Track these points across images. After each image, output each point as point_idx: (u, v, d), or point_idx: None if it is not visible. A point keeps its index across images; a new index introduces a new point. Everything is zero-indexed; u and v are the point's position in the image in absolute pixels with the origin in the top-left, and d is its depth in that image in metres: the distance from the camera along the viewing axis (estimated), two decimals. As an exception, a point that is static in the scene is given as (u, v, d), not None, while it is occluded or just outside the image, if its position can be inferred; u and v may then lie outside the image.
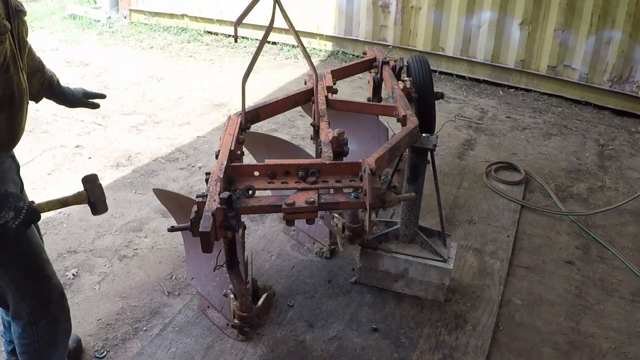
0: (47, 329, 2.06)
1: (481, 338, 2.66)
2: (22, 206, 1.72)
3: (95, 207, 1.95)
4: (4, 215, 1.67)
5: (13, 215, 1.68)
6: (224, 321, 2.64)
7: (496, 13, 5.59)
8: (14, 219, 1.69)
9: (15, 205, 1.70)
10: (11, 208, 1.69)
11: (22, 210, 1.71)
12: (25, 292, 1.96)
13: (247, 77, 2.46)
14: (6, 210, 1.68)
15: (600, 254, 3.35)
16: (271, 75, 5.94)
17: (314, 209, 2.06)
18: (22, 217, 1.72)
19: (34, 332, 2.04)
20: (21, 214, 1.71)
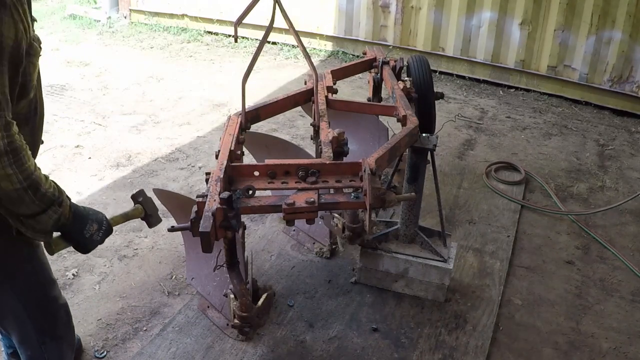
0: (53, 346, 2.05)
1: (481, 338, 2.66)
2: (102, 218, 1.83)
3: (151, 219, 2.11)
4: (89, 228, 1.76)
5: (96, 228, 1.78)
6: (224, 321, 2.64)
7: (496, 13, 5.59)
8: (97, 231, 1.78)
9: (96, 218, 1.80)
10: (94, 221, 1.78)
11: (102, 222, 1.82)
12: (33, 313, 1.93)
13: (247, 77, 2.46)
14: (90, 223, 1.77)
15: (600, 254, 3.35)
16: (271, 75, 5.94)
17: (314, 209, 2.06)
18: (104, 228, 1.82)
19: (44, 352, 2.01)
20: (103, 226, 1.81)
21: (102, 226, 1.81)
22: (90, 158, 4.22)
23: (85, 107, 5.06)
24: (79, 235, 1.75)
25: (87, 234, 1.75)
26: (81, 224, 1.74)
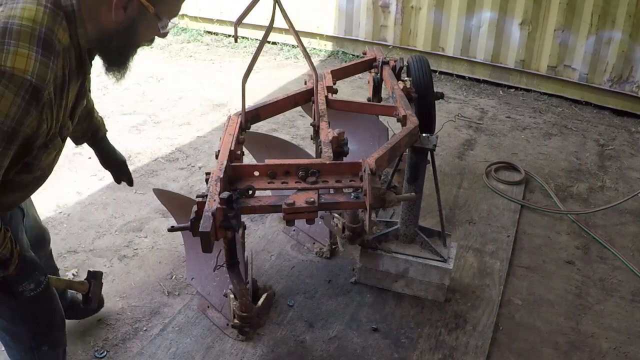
0: (48, 354, 2.04)
1: (481, 338, 2.66)
2: (42, 281, 1.80)
3: (90, 301, 2.11)
4: (26, 285, 1.75)
5: (32, 287, 1.77)
6: (224, 321, 2.64)
7: (496, 13, 5.59)
8: (31, 291, 1.77)
9: (37, 280, 1.78)
10: (34, 281, 1.77)
11: (40, 285, 1.80)
12: (26, 316, 1.93)
13: (247, 77, 2.46)
14: (29, 282, 1.76)
15: (600, 254, 3.35)
16: (271, 75, 5.94)
17: (314, 209, 2.06)
18: (38, 291, 1.80)
19: (35, 357, 2.01)
20: (39, 288, 1.79)
21: (39, 288, 1.80)
22: (90, 158, 4.22)
23: (85, 107, 5.06)
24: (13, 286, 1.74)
25: (21, 289, 1.75)
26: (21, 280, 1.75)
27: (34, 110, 1.44)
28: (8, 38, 1.38)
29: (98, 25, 1.55)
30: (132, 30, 1.57)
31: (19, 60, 1.38)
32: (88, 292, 2.10)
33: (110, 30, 1.56)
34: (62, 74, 1.52)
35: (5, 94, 1.37)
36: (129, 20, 1.54)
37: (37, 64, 1.41)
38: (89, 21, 1.53)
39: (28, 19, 1.42)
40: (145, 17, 1.55)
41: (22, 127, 1.43)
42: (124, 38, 1.58)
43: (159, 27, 1.59)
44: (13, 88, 1.38)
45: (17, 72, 1.37)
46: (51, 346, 2.03)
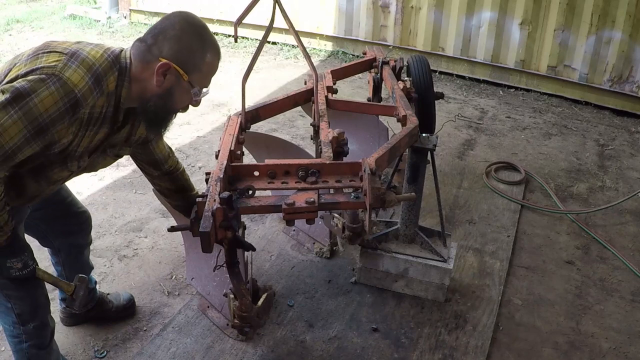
0: (35, 332, 2.08)
1: (481, 338, 2.66)
2: (30, 265, 1.88)
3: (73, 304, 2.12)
4: (14, 263, 1.84)
5: (19, 267, 1.85)
6: (224, 321, 2.64)
7: (496, 13, 5.59)
8: (17, 270, 1.85)
9: (26, 262, 1.86)
10: (22, 261, 1.85)
11: (27, 267, 1.87)
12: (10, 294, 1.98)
13: (247, 77, 2.46)
14: (17, 260, 1.84)
15: (600, 254, 3.35)
16: (271, 75, 5.94)
17: (314, 209, 2.06)
18: (24, 273, 1.87)
19: (22, 333, 2.06)
20: (25, 270, 1.87)
21: (25, 269, 1.86)
22: (90, 158, 4.22)
23: (85, 107, 5.06)
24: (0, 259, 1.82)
25: (8, 264, 1.82)
26: (9, 255, 1.83)
27: (67, 119, 1.68)
28: (74, 60, 1.70)
29: (141, 86, 1.82)
30: (168, 95, 1.83)
31: (75, 76, 1.67)
32: (72, 294, 2.11)
33: (150, 93, 1.82)
34: (98, 111, 1.78)
35: (54, 94, 1.63)
36: (167, 86, 1.81)
37: (86, 87, 1.69)
38: (134, 81, 1.81)
39: (93, 56, 1.74)
40: (180, 84, 1.82)
41: (52, 128, 1.67)
42: (161, 101, 1.84)
43: (192, 94, 1.86)
44: (61, 92, 1.64)
45: (69, 83, 1.65)
46: (37, 325, 2.08)
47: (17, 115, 1.60)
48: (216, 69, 1.93)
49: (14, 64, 1.74)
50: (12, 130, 1.61)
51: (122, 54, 1.82)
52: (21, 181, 1.85)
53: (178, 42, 1.80)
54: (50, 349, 2.20)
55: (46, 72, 1.64)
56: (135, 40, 1.85)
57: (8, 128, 1.60)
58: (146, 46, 1.81)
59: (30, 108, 1.61)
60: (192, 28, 1.86)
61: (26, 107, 1.60)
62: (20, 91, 1.60)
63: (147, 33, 1.84)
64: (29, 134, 1.63)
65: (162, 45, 1.79)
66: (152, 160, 2.24)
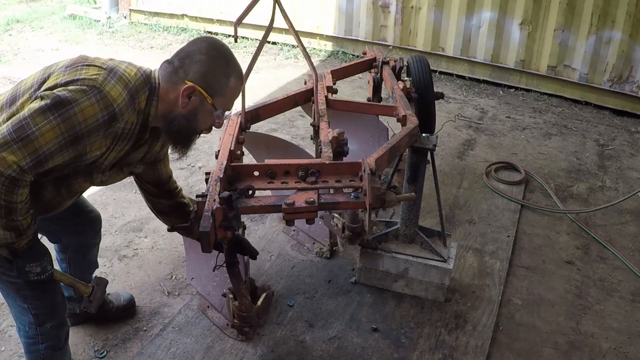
0: (51, 333, 2.07)
1: (481, 338, 2.66)
2: (49, 269, 1.91)
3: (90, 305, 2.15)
4: (33, 267, 1.86)
5: (38, 271, 1.87)
6: (224, 321, 2.64)
7: (496, 13, 5.59)
8: (36, 274, 1.87)
9: (44, 266, 1.88)
10: (40, 265, 1.87)
11: (46, 272, 1.90)
12: (27, 295, 1.97)
13: (247, 77, 2.46)
14: (36, 264, 1.86)
15: (600, 254, 3.35)
16: (271, 75, 5.94)
17: (314, 209, 2.06)
18: (42, 277, 1.89)
19: (39, 334, 2.04)
20: (43, 275, 1.89)
21: (44, 274, 1.88)
22: (90, 158, 4.22)
23: (85, 107, 5.06)
24: (20, 264, 1.84)
25: (27, 268, 1.85)
26: (28, 259, 1.84)
27: (103, 132, 1.75)
28: (113, 75, 1.76)
29: (167, 106, 1.89)
30: (192, 116, 1.91)
31: (114, 91, 1.73)
32: (89, 295, 2.13)
33: (175, 113, 1.90)
34: (129, 128, 1.85)
35: (94, 106, 1.69)
36: (191, 108, 1.89)
37: (124, 102, 1.76)
38: (161, 101, 1.88)
39: (129, 74, 1.81)
40: (204, 106, 1.91)
41: (87, 139, 1.72)
42: (185, 121, 1.92)
43: (215, 116, 1.95)
44: (101, 105, 1.71)
45: (109, 97, 1.72)
46: (54, 325, 2.06)
47: (55, 122, 1.64)
48: (239, 93, 2.01)
49: (50, 73, 1.79)
50: (49, 136, 1.64)
51: (152, 74, 1.89)
52: (42, 190, 1.88)
53: (204, 66, 1.87)
54: (65, 350, 2.19)
55: (87, 84, 1.69)
56: (163, 62, 1.93)
57: (45, 133, 1.64)
58: (173, 68, 1.89)
59: (70, 116, 1.66)
60: (218, 53, 1.93)
61: (66, 114, 1.65)
62: (61, 99, 1.65)
63: (175, 55, 1.92)
64: (64, 141, 1.67)
65: (189, 69, 1.87)
66: (156, 180, 2.27)
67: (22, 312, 2.02)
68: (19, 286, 1.94)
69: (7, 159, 1.61)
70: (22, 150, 1.62)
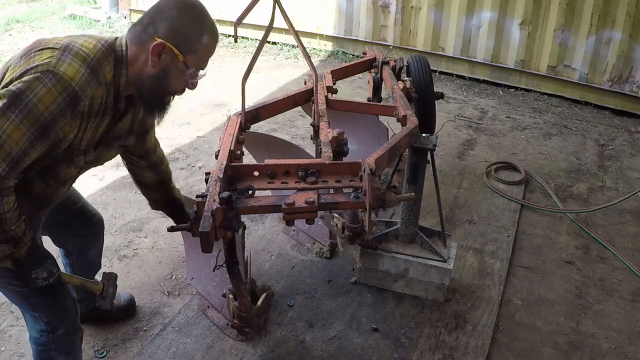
0: (64, 339, 2.05)
1: (481, 338, 2.66)
2: (55, 272, 1.89)
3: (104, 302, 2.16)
4: (39, 273, 1.84)
5: (45, 276, 1.85)
6: (224, 321, 2.64)
7: (496, 13, 5.59)
8: (43, 280, 1.85)
9: (50, 269, 1.86)
10: (46, 269, 1.85)
11: (52, 275, 1.88)
12: (35, 303, 1.96)
13: (247, 77, 2.46)
14: (42, 269, 1.84)
15: (600, 254, 3.35)
16: (271, 75, 5.94)
17: (314, 209, 2.06)
18: (50, 281, 1.87)
19: (50, 341, 2.03)
20: (51, 278, 1.87)
21: (51, 277, 1.86)
22: (90, 158, 4.22)
23: (85, 107, 5.06)
24: (26, 273, 1.82)
25: (34, 275, 1.83)
26: (33, 266, 1.82)
27: (69, 114, 1.66)
28: (67, 53, 1.67)
29: (137, 69, 1.80)
30: (163, 75, 1.81)
31: (70, 69, 1.64)
32: (102, 292, 2.12)
33: (145, 75, 1.80)
34: (98, 103, 1.75)
35: (52, 91, 1.61)
36: (162, 66, 1.79)
37: (83, 79, 1.66)
38: (131, 65, 1.79)
39: (86, 47, 1.71)
40: (176, 65, 1.80)
41: (55, 126, 1.65)
42: (156, 82, 1.82)
43: (188, 75, 1.85)
44: (59, 88, 1.61)
45: (65, 77, 1.63)
46: (66, 331, 2.04)
47: (18, 119, 1.57)
48: (213, 52, 1.89)
49: (8, 67, 1.72)
50: (16, 135, 1.58)
51: (117, 42, 1.79)
52: (30, 186, 1.83)
53: (174, 22, 1.77)
54: (76, 355, 2.15)
55: (41, 70, 1.61)
56: (132, 25, 1.84)
57: (11, 134, 1.57)
58: (142, 26, 1.79)
59: (31, 109, 1.58)
60: (190, 9, 1.81)
61: (26, 109, 1.58)
62: (17, 93, 1.58)
63: (145, 14, 1.82)
64: (33, 136, 1.61)
65: (158, 25, 1.76)
66: (143, 151, 2.23)
67: (34, 321, 2.00)
68: (27, 294, 1.92)
69: None
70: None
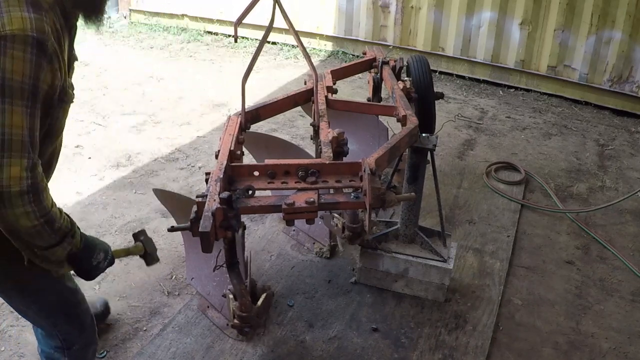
0: (78, 354, 2.04)
1: (481, 338, 2.66)
2: (107, 248, 1.89)
3: (149, 258, 2.17)
4: (97, 257, 1.82)
5: (103, 257, 1.84)
6: (224, 321, 2.64)
7: (496, 13, 5.59)
8: (103, 260, 1.85)
9: (103, 248, 1.86)
10: (101, 251, 1.84)
11: (107, 253, 1.88)
12: (57, 321, 1.95)
13: (247, 77, 2.46)
14: (97, 252, 1.83)
15: (600, 254, 3.35)
16: (271, 75, 5.94)
17: (314, 209, 2.06)
18: (109, 259, 1.87)
19: (65, 356, 2.02)
20: (107, 257, 1.87)
21: (107, 256, 1.86)
22: (90, 158, 4.22)
23: (85, 107, 5.06)
24: (87, 263, 1.79)
25: (95, 262, 1.81)
26: (90, 252, 1.80)
27: (45, 63, 1.53)
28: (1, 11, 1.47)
29: None
30: None
31: (15, 21, 1.47)
32: (145, 252, 2.14)
33: None
34: (55, 29, 1.59)
35: (15, 55, 1.46)
36: None
37: (33, 21, 1.49)
38: None
39: None
40: None
41: (40, 83, 1.53)
42: None
43: None
44: (20, 47, 1.46)
45: (17, 32, 1.46)
46: (81, 345, 2.04)
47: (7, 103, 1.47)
48: None
49: None
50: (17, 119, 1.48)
51: None
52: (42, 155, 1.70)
53: None
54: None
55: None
56: None
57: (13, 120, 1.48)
58: None
59: (10, 86, 1.46)
60: None
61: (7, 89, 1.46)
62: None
63: None
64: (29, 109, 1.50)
65: None
66: None
67: (50, 337, 1.99)
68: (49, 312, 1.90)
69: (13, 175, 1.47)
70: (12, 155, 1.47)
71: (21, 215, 1.52)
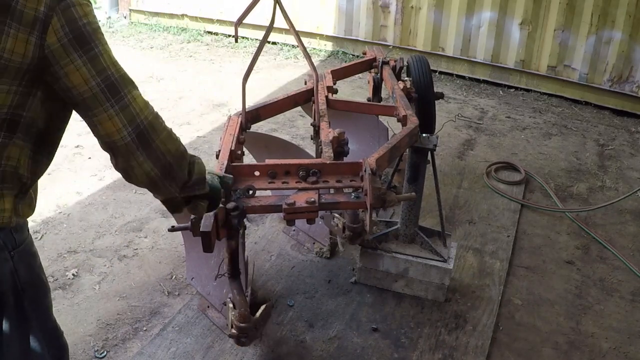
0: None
1: (481, 338, 2.66)
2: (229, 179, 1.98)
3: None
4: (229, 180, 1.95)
5: (230, 179, 1.98)
6: (224, 321, 2.64)
7: (496, 13, 5.60)
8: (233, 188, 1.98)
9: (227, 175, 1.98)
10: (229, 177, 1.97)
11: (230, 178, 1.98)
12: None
13: (247, 77, 2.47)
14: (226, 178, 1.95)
15: (600, 254, 3.35)
16: (271, 75, 5.94)
17: (315, 209, 2.06)
18: (229, 183, 1.98)
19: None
20: (229, 180, 1.97)
21: (228, 179, 1.97)
22: (90, 158, 4.22)
23: (85, 107, 5.06)
24: (227, 185, 1.91)
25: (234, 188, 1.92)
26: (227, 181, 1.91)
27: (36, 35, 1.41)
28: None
29: None
30: None
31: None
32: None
33: None
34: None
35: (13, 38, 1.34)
36: None
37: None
38: None
39: None
40: None
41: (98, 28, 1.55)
42: None
43: None
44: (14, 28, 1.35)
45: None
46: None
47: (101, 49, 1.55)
48: None
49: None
50: (113, 60, 1.58)
51: None
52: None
53: None
54: None
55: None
56: None
57: (108, 54, 1.58)
58: None
59: (99, 32, 1.53)
60: None
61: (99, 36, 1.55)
62: (86, 32, 1.51)
63: None
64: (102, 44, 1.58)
65: None
66: None
67: None
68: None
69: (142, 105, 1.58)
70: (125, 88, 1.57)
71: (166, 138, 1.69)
